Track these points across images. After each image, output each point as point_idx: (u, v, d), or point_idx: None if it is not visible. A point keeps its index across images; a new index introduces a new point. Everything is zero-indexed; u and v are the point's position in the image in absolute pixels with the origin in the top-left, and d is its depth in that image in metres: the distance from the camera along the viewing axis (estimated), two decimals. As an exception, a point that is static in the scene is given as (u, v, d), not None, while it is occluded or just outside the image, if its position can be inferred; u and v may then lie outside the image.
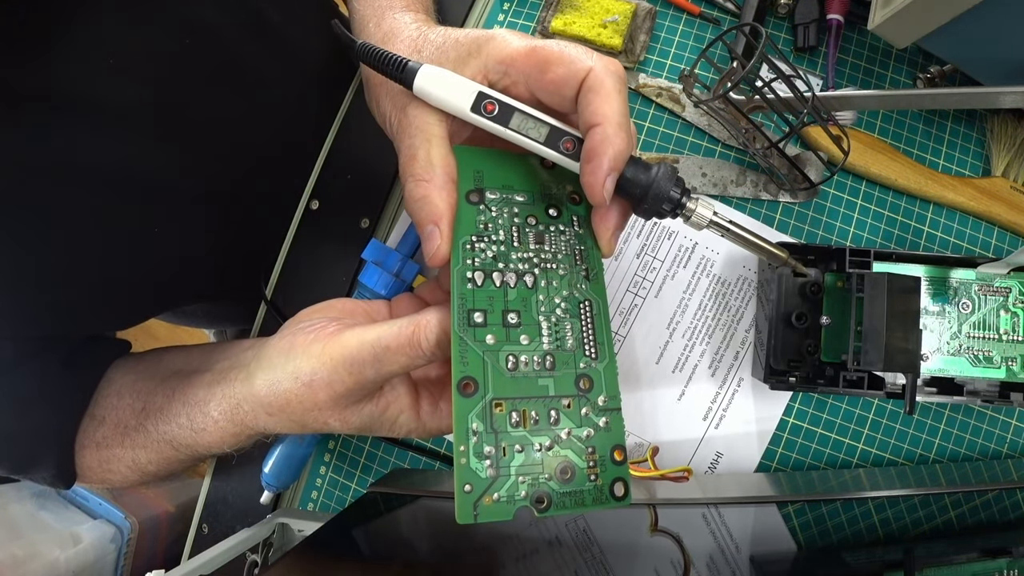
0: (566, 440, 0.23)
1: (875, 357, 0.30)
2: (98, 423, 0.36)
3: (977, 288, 0.35)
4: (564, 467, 0.23)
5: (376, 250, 0.37)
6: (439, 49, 0.28)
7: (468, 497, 0.21)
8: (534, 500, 0.22)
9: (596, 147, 0.24)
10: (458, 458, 0.22)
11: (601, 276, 0.26)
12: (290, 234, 0.42)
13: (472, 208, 0.26)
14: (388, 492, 0.35)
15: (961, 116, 0.40)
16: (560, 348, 0.24)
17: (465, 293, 0.24)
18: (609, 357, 0.25)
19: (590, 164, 0.24)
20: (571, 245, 0.26)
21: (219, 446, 0.32)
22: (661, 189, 0.25)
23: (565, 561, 0.28)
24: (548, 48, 0.25)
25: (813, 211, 0.39)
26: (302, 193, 0.42)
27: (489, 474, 0.22)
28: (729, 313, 0.38)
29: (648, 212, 0.26)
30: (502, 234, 0.26)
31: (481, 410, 0.22)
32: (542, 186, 0.27)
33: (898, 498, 0.32)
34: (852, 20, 0.39)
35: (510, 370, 0.23)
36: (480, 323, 0.24)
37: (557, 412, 0.23)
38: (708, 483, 0.35)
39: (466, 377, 0.23)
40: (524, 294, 0.25)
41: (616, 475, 0.23)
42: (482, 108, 0.25)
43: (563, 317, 0.25)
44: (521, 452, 0.22)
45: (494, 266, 0.25)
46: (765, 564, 0.28)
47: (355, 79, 0.45)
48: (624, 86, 0.25)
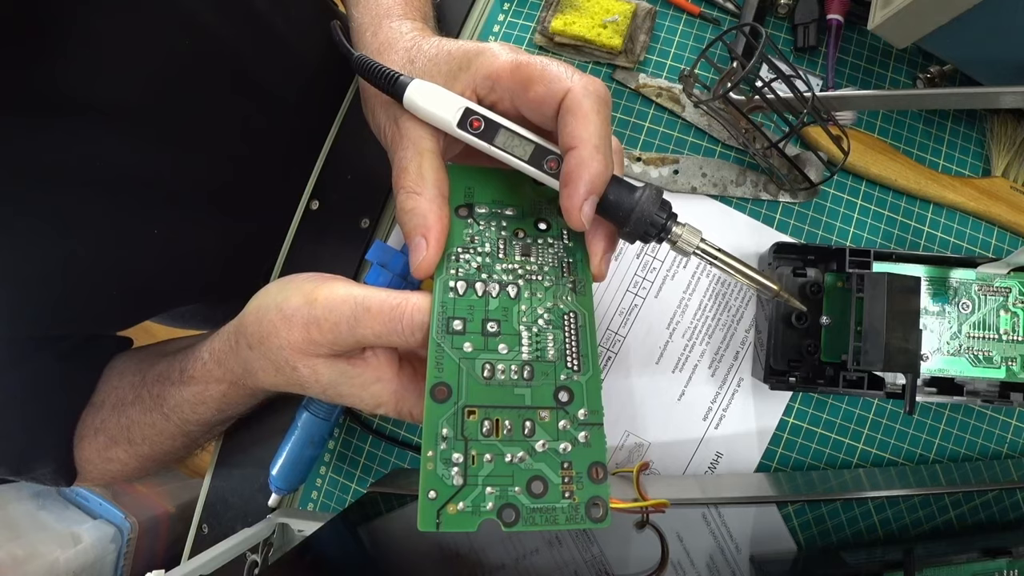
0: (540, 453, 0.22)
1: (875, 357, 0.30)
2: (97, 408, 0.36)
3: (977, 288, 0.35)
4: (535, 480, 0.22)
5: (380, 251, 0.36)
6: (431, 61, 0.28)
7: (432, 504, 0.21)
8: (501, 513, 0.21)
9: (572, 171, 0.23)
10: (424, 463, 0.21)
11: (589, 289, 0.26)
12: (290, 234, 0.42)
13: (460, 222, 0.26)
14: (388, 492, 0.35)
15: (961, 116, 0.40)
16: (540, 359, 0.24)
17: (446, 301, 0.24)
18: (593, 370, 0.24)
19: (567, 188, 0.24)
20: (559, 258, 0.26)
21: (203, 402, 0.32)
22: (645, 212, 0.24)
23: (565, 561, 0.28)
24: (532, 65, 0.25)
25: (813, 211, 0.39)
26: (302, 193, 0.42)
27: (456, 482, 0.21)
28: (729, 313, 0.38)
29: (632, 236, 0.25)
30: (488, 246, 0.26)
31: (452, 416, 0.22)
32: (532, 201, 0.27)
33: (898, 498, 0.32)
34: (852, 20, 0.39)
35: (486, 378, 0.23)
36: (459, 330, 0.23)
37: (533, 423, 0.23)
38: (708, 483, 0.35)
39: (440, 383, 0.22)
40: (506, 304, 0.24)
41: (593, 494, 0.22)
42: (468, 124, 0.25)
43: (545, 328, 0.24)
44: (491, 462, 0.22)
45: (477, 276, 0.25)
46: (765, 564, 0.28)
47: (355, 80, 0.45)
48: (605, 106, 0.24)
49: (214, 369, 0.31)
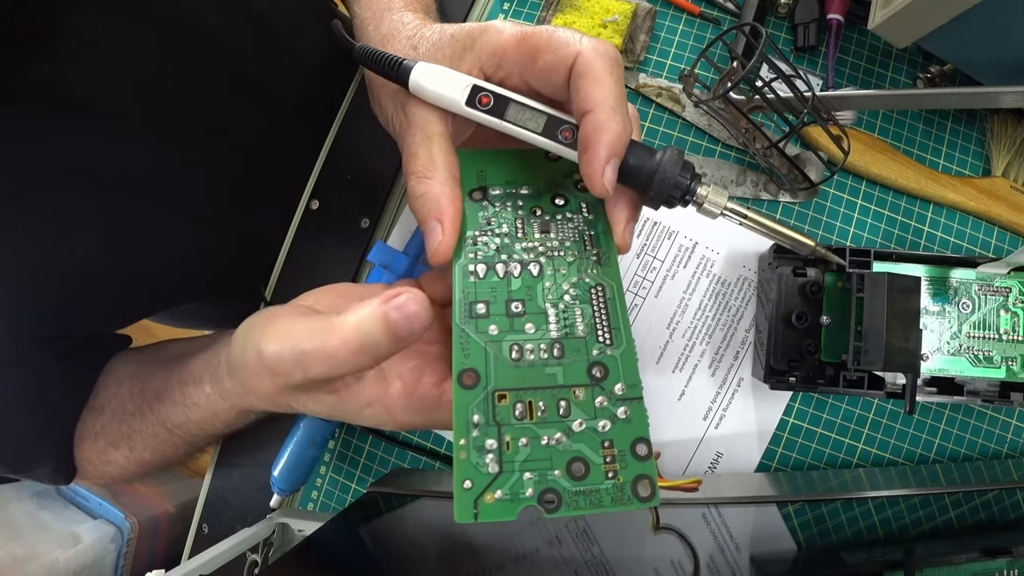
0: (579, 432, 0.21)
1: (875, 357, 0.30)
2: (97, 412, 0.36)
3: (977, 288, 0.35)
4: (576, 462, 0.21)
5: (382, 252, 0.36)
6: (434, 45, 0.27)
7: (468, 494, 0.20)
8: (542, 499, 0.20)
9: (590, 136, 0.22)
10: (457, 452, 0.20)
11: (614, 260, 0.25)
12: (290, 234, 0.42)
13: (475, 205, 0.25)
14: (388, 492, 0.35)
15: (961, 116, 0.40)
16: (570, 335, 0.23)
17: (467, 286, 0.23)
18: (627, 343, 0.23)
19: (587, 154, 0.23)
20: (580, 231, 0.25)
21: (210, 422, 0.32)
22: (668, 174, 0.23)
23: (565, 560, 0.28)
24: (537, 35, 0.24)
25: (813, 211, 0.39)
26: (302, 193, 0.42)
27: (491, 470, 0.20)
28: (729, 313, 0.38)
29: (656, 200, 0.24)
30: (505, 227, 0.25)
31: (482, 402, 0.21)
32: (547, 177, 0.27)
33: (898, 498, 0.32)
34: (852, 20, 0.39)
35: (514, 360, 0.22)
36: (482, 314, 0.23)
37: (568, 403, 0.22)
38: (708, 483, 0.35)
39: (467, 369, 0.22)
40: (529, 282, 0.24)
41: (639, 472, 0.21)
42: (477, 101, 0.25)
43: (572, 304, 0.23)
44: (527, 446, 0.21)
45: (497, 258, 0.24)
46: (765, 564, 0.28)
47: (355, 79, 0.45)
48: (618, 67, 0.23)
49: (217, 401, 0.31)
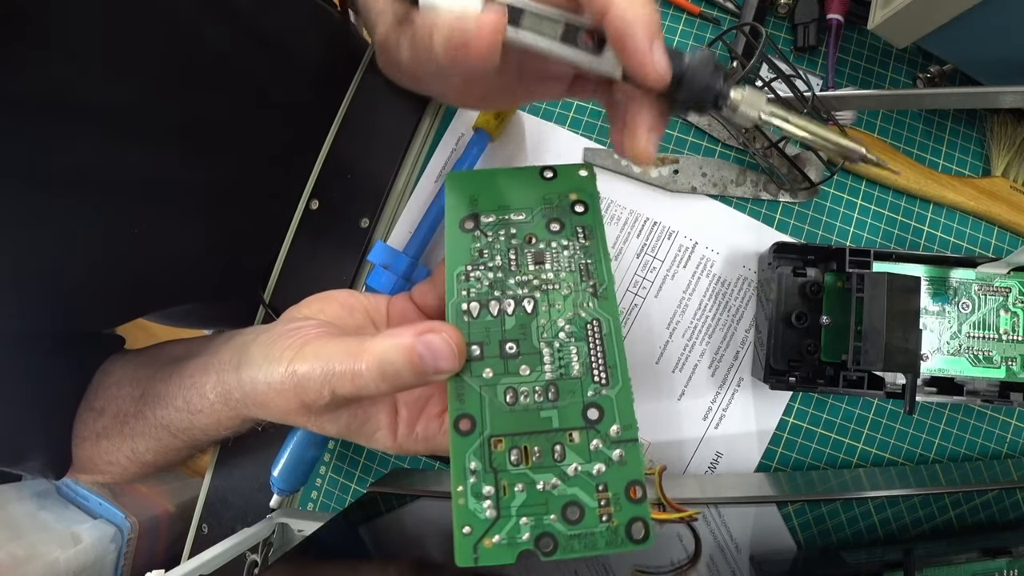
0: (573, 477, 0.21)
1: (875, 357, 0.30)
2: (97, 414, 0.36)
3: (977, 288, 0.35)
4: (571, 507, 0.21)
5: (383, 252, 0.36)
6: None
7: (468, 539, 0.21)
8: (538, 543, 0.21)
9: (622, 25, 0.20)
10: (456, 499, 0.21)
11: (612, 291, 0.24)
12: (290, 234, 0.42)
13: (467, 236, 0.25)
14: (388, 492, 0.35)
15: (961, 116, 0.40)
16: (565, 376, 0.22)
17: (461, 326, 0.23)
18: (622, 381, 0.22)
19: (626, 41, 0.21)
20: (576, 260, 0.25)
21: (215, 429, 0.32)
22: (699, 73, 0.22)
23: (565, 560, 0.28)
24: None
25: (813, 211, 0.39)
26: (302, 193, 0.42)
27: (489, 515, 0.21)
28: (729, 313, 0.38)
29: (685, 105, 0.22)
30: (499, 259, 0.24)
31: (479, 448, 0.22)
32: (543, 199, 0.26)
33: (898, 498, 0.32)
34: (852, 20, 0.39)
35: (509, 404, 0.22)
36: (477, 356, 0.23)
37: (562, 446, 0.22)
38: (708, 483, 0.35)
39: (463, 415, 0.22)
40: (523, 320, 0.23)
41: (633, 514, 0.21)
42: None
43: (567, 341, 0.23)
44: (523, 491, 0.21)
45: (490, 295, 0.24)
46: (765, 564, 0.28)
47: (355, 80, 0.45)
48: None
49: (222, 409, 0.30)
